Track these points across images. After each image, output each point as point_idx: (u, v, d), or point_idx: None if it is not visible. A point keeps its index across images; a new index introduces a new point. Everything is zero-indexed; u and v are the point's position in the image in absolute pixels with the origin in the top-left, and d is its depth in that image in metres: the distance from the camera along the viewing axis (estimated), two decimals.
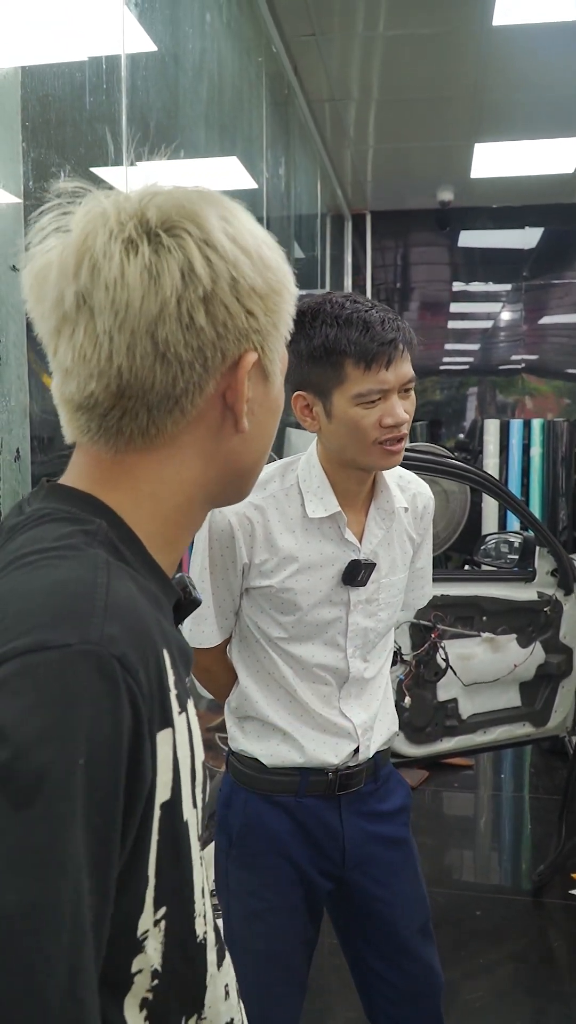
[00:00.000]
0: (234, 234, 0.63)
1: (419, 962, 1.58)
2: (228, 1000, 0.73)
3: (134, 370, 0.62)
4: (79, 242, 0.61)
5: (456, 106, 4.67)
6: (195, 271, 0.61)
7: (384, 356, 1.30)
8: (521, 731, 3.06)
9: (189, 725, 0.62)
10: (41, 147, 1.64)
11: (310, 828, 1.49)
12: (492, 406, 6.97)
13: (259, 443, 0.71)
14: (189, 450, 0.66)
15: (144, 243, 0.61)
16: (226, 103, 3.36)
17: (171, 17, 2.58)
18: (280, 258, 0.67)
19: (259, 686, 1.47)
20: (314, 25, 3.76)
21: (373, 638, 1.48)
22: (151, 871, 0.58)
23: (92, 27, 2.14)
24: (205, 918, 0.67)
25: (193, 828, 0.63)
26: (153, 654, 0.57)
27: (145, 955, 0.60)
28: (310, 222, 5.44)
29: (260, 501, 1.40)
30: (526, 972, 2.58)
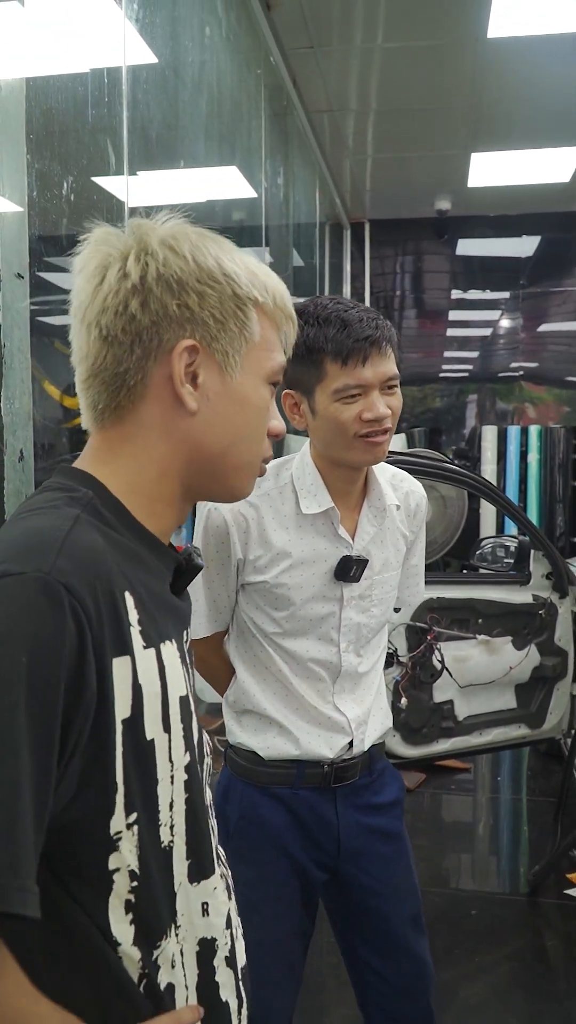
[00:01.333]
0: (172, 244, 0.77)
1: (411, 954, 1.61)
2: (207, 918, 0.82)
3: (92, 353, 0.78)
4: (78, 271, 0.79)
5: (452, 116, 4.73)
6: (126, 269, 0.76)
7: (360, 352, 1.34)
8: (517, 733, 3.08)
9: (161, 661, 0.75)
10: (45, 159, 1.69)
11: (306, 820, 1.52)
12: (492, 414, 7.01)
13: (221, 429, 0.81)
14: (152, 428, 0.79)
15: (95, 260, 0.78)
16: (225, 114, 3.41)
17: (171, 31, 2.63)
18: (234, 268, 0.79)
19: (256, 680, 1.51)
20: (312, 38, 3.82)
21: (366, 633, 1.52)
22: (119, 778, 0.70)
23: (94, 41, 2.19)
24: (172, 829, 0.77)
25: (162, 748, 0.75)
26: (106, 590, 0.69)
27: (120, 854, 0.71)
28: (309, 231, 5.50)
29: (255, 499, 1.44)
30: (522, 971, 2.60)
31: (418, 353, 7.39)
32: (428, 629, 2.83)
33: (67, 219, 1.78)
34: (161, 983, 0.77)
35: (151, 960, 0.75)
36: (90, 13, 2.20)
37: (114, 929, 0.72)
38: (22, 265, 1.53)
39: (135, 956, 0.74)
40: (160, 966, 0.76)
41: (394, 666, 2.79)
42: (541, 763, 4.16)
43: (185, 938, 0.80)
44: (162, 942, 0.77)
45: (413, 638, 2.83)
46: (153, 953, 0.76)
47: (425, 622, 2.84)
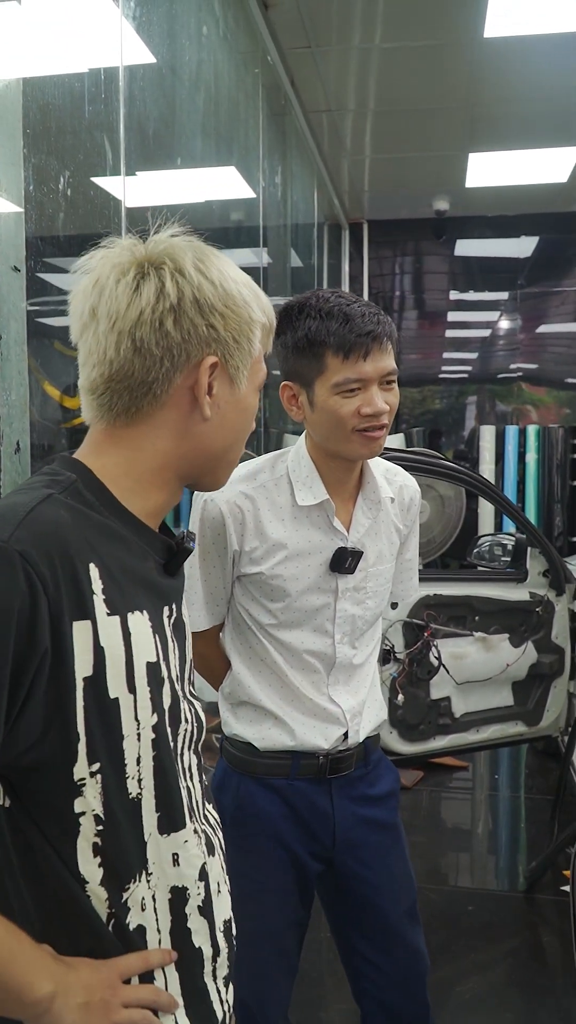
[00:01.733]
0: (203, 268, 0.86)
1: (406, 945, 1.61)
2: (177, 868, 0.89)
3: (119, 361, 0.84)
4: (95, 274, 0.86)
5: (450, 117, 4.74)
6: (165, 289, 0.84)
7: (362, 347, 1.36)
8: (514, 730, 3.10)
9: (127, 628, 0.83)
10: (42, 154, 1.70)
11: (301, 811, 1.53)
12: (492, 415, 7.02)
13: (225, 432, 0.91)
14: (163, 428, 0.88)
15: (132, 271, 0.84)
16: (223, 114, 3.42)
17: (168, 30, 2.65)
18: (248, 294, 0.89)
19: (251, 671, 1.52)
20: (310, 38, 3.83)
21: (361, 625, 1.53)
22: (80, 728, 0.79)
23: (91, 40, 2.20)
24: (140, 783, 0.85)
25: (127, 707, 0.83)
26: (65, 560, 0.77)
27: (84, 799, 0.80)
28: (307, 231, 5.51)
29: (250, 491, 1.46)
30: (518, 967, 2.61)
31: (417, 354, 7.40)
32: (425, 626, 2.84)
33: (63, 214, 1.79)
34: (130, 924, 0.84)
35: (120, 901, 0.83)
36: (87, 12, 2.21)
37: (82, 869, 0.81)
38: (19, 259, 1.54)
39: (102, 895, 0.82)
40: (130, 908, 0.84)
41: (391, 663, 2.80)
42: (539, 761, 4.17)
43: (157, 885, 0.87)
44: (131, 885, 0.84)
45: (410, 635, 2.84)
46: (123, 895, 0.83)
47: (422, 619, 2.85)
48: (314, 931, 1.83)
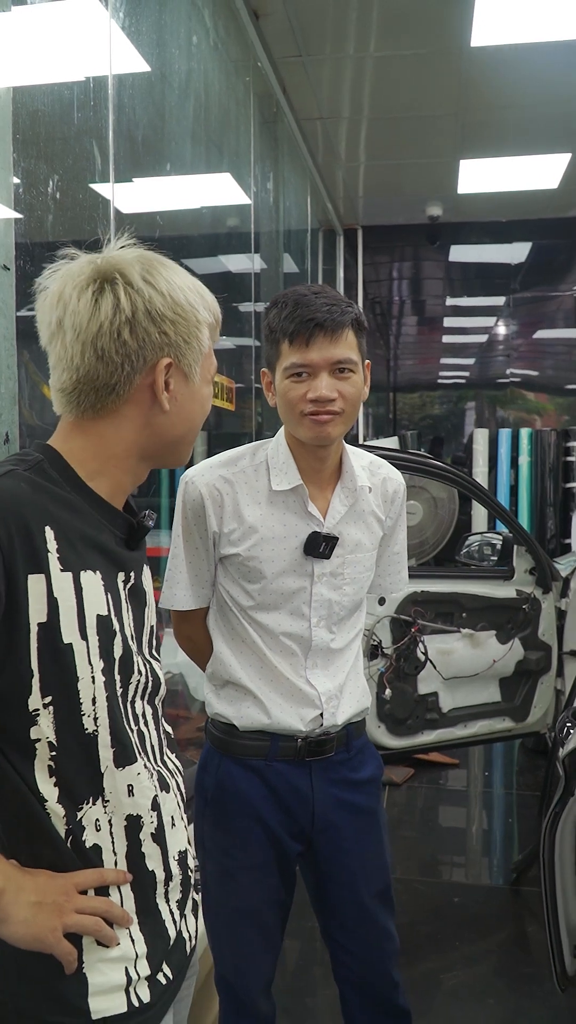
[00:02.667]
0: (151, 280, 0.96)
1: (376, 927, 1.66)
2: (132, 798, 0.98)
3: (84, 367, 0.95)
4: (57, 288, 0.97)
5: (440, 124, 4.81)
6: (120, 304, 0.95)
7: (303, 334, 1.41)
8: (501, 726, 3.13)
9: (79, 583, 0.93)
10: (31, 158, 1.76)
11: (280, 791, 1.57)
12: (492, 421, 7.06)
13: (183, 420, 1.03)
14: (126, 420, 0.99)
15: (90, 288, 0.95)
16: (213, 121, 3.48)
17: (157, 39, 2.71)
18: (194, 298, 1.00)
19: (232, 652, 1.57)
20: (300, 47, 3.90)
21: (338, 611, 1.57)
22: (34, 666, 0.90)
23: (81, 48, 2.27)
24: (96, 720, 0.94)
25: (80, 652, 0.93)
26: (20, 523, 0.88)
27: (39, 727, 0.91)
28: (300, 236, 5.57)
29: (230, 475, 1.53)
30: (505, 959, 2.65)
31: (415, 360, 7.46)
32: (412, 622, 2.89)
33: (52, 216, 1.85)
34: (87, 842, 0.94)
35: (76, 820, 0.93)
36: (77, 21, 2.27)
37: (41, 788, 0.91)
38: (8, 258, 1.60)
39: (60, 812, 0.92)
40: (85, 827, 0.94)
41: (379, 658, 2.85)
42: (528, 759, 4.21)
43: (114, 812, 0.96)
44: (84, 805, 0.94)
45: (397, 631, 2.89)
46: (77, 814, 0.93)
47: (409, 615, 2.90)
48: (302, 919, 1.87)
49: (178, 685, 3.80)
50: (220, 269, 4.24)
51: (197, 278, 1.02)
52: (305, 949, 2.61)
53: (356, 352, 1.46)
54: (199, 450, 5.32)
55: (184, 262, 1.08)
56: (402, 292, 7.41)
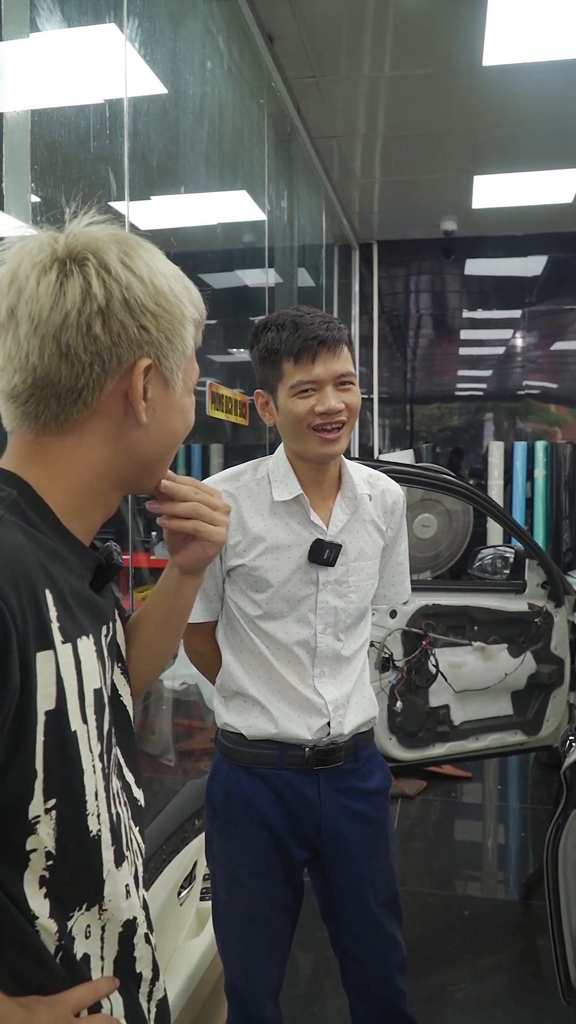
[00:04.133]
0: (130, 264, 0.79)
1: (382, 935, 1.68)
2: (129, 899, 0.86)
3: (44, 367, 0.77)
4: (11, 269, 0.78)
5: (454, 141, 4.86)
6: (91, 290, 0.77)
7: (310, 351, 1.48)
8: (513, 739, 3.14)
9: (77, 655, 0.77)
10: (48, 186, 1.82)
11: (288, 799, 1.60)
12: (511, 433, 7.07)
13: (162, 437, 0.85)
14: (95, 437, 0.81)
15: (54, 268, 0.77)
16: (227, 143, 3.55)
17: (172, 66, 2.78)
18: (179, 289, 0.83)
19: (240, 662, 1.61)
20: (314, 68, 3.96)
21: (344, 618, 1.61)
22: (39, 766, 0.72)
23: (97, 74, 2.33)
24: (99, 818, 0.80)
25: (84, 739, 0.78)
26: (28, 588, 0.71)
27: (38, 836, 0.74)
28: (314, 252, 5.63)
29: (233, 490, 1.58)
30: (514, 973, 2.65)
31: (431, 372, 7.49)
32: (424, 635, 2.91)
33: None
34: (77, 954, 0.80)
35: (66, 932, 0.78)
36: (93, 47, 2.34)
37: (31, 903, 0.75)
38: None
39: (52, 928, 0.77)
40: (75, 937, 0.79)
41: (390, 670, 2.87)
42: (542, 773, 4.20)
43: (110, 919, 0.83)
44: (75, 913, 0.79)
45: (409, 643, 2.91)
46: (67, 924, 0.78)
47: (421, 628, 2.92)
48: (313, 928, 1.89)
49: (193, 696, 3.84)
50: (235, 283, 4.31)
51: (212, 292, 0.94)
52: (315, 958, 2.63)
53: (352, 365, 1.54)
54: (215, 463, 5.37)
55: (200, 276, 0.99)
56: (418, 305, 7.45)
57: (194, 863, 2.20)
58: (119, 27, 2.35)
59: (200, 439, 5.08)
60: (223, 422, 3.48)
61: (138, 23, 2.47)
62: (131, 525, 2.90)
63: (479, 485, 6.38)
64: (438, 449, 7.09)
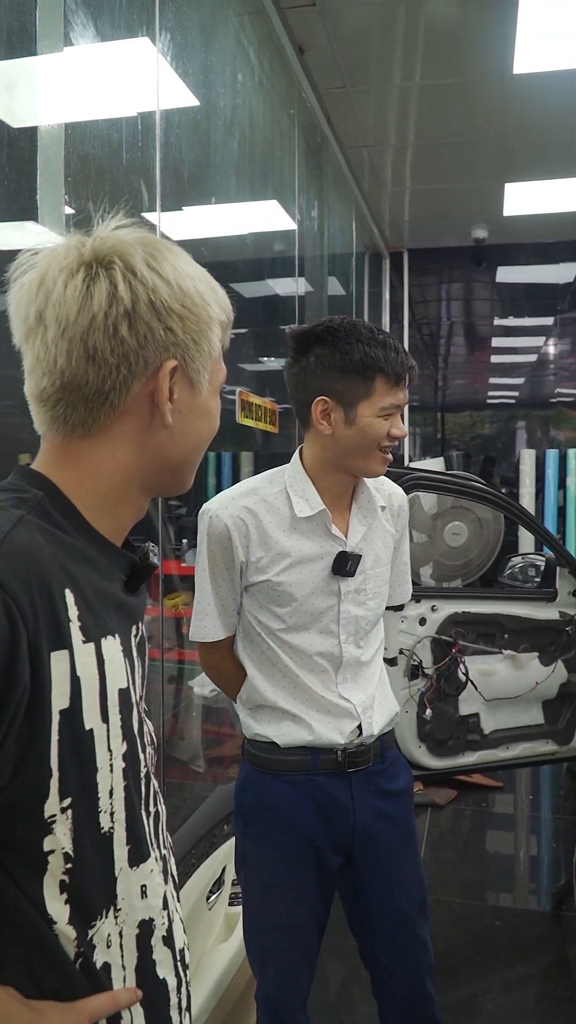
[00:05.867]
0: (156, 266, 0.80)
1: (415, 938, 1.69)
2: (145, 900, 0.84)
3: (71, 370, 0.79)
4: (39, 273, 0.80)
5: (485, 149, 4.86)
6: (118, 293, 0.78)
7: (406, 378, 1.53)
8: (544, 748, 3.11)
9: (101, 655, 0.78)
10: (82, 199, 1.85)
11: (322, 804, 1.61)
12: (544, 440, 7.02)
13: (187, 439, 0.86)
14: (122, 439, 0.82)
15: (80, 272, 0.78)
16: (258, 153, 3.59)
17: (204, 79, 2.81)
18: (205, 290, 0.84)
19: (265, 676, 1.61)
20: (345, 79, 3.99)
21: (364, 625, 1.63)
22: (54, 764, 0.73)
23: (129, 87, 2.37)
24: (112, 816, 0.80)
25: (101, 738, 0.78)
26: (43, 587, 0.72)
27: (55, 837, 0.74)
28: (345, 261, 5.65)
29: (252, 505, 1.57)
30: (545, 984, 2.63)
31: (463, 380, 7.46)
32: (453, 642, 2.90)
33: None
34: (97, 962, 0.78)
35: (87, 939, 0.77)
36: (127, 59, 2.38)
37: (49, 907, 0.75)
38: None
39: (71, 935, 0.76)
40: (95, 945, 0.78)
41: (419, 678, 2.86)
42: (573, 783, 4.16)
43: (125, 921, 0.82)
44: (97, 922, 0.79)
45: (438, 651, 2.90)
46: (88, 932, 0.78)
47: (450, 635, 2.91)
48: (340, 937, 1.89)
49: (222, 703, 3.85)
50: (266, 292, 4.34)
51: (242, 301, 0.93)
52: (344, 967, 2.63)
53: None
54: (245, 470, 5.39)
55: (230, 286, 1.00)
56: (449, 313, 7.43)
57: (223, 868, 2.21)
58: (151, 40, 2.39)
59: (230, 447, 5.11)
60: (253, 430, 3.50)
61: (170, 36, 2.50)
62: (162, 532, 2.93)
63: (511, 493, 6.34)
64: (477, 456, 7.05)
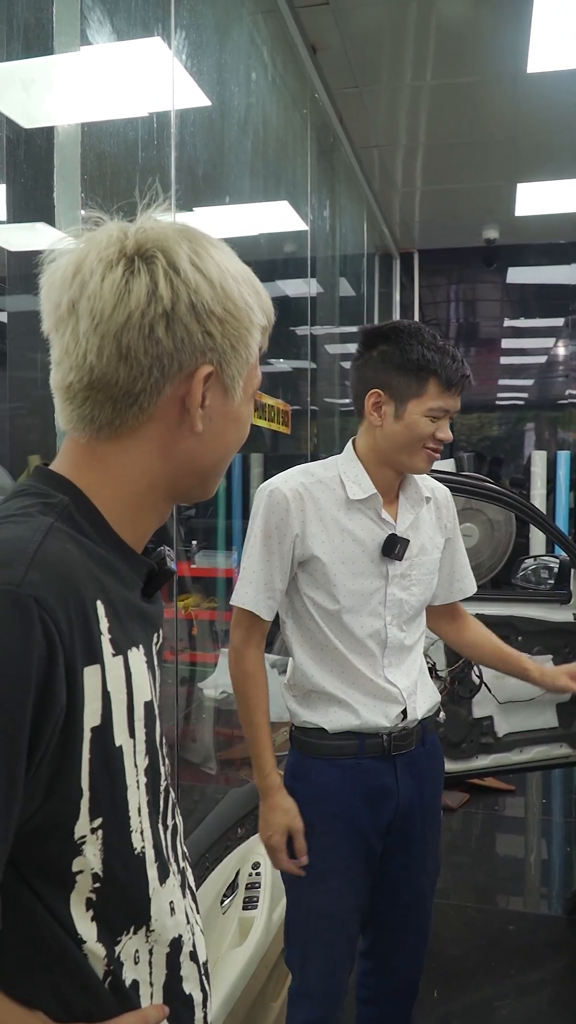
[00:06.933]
0: (200, 265, 0.75)
1: (425, 912, 1.80)
2: (174, 916, 0.82)
3: (101, 367, 0.74)
4: (76, 261, 0.75)
5: (497, 149, 4.84)
6: (158, 291, 0.73)
7: (459, 386, 1.62)
8: (558, 752, 3.09)
9: (128, 668, 0.75)
10: (97, 196, 1.85)
11: (370, 787, 1.66)
12: (553, 442, 6.99)
13: (216, 447, 0.82)
14: (150, 443, 0.78)
15: (120, 265, 0.74)
16: (271, 153, 3.58)
17: (218, 78, 2.80)
18: (249, 293, 0.79)
19: (313, 660, 1.66)
20: (357, 78, 3.98)
21: (407, 610, 1.68)
22: (84, 784, 0.70)
23: (144, 87, 2.36)
24: (143, 835, 0.77)
25: (129, 754, 0.75)
26: (77, 600, 0.69)
27: (84, 858, 0.71)
28: (356, 261, 5.64)
29: (309, 484, 1.65)
30: (559, 988, 2.61)
31: (472, 381, 7.43)
32: None
33: None
34: (126, 980, 0.77)
35: (115, 957, 0.75)
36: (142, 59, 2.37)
37: (78, 927, 0.72)
38: None
39: (100, 953, 0.74)
40: (123, 963, 0.76)
41: (433, 680, 2.84)
42: None
43: (158, 940, 0.80)
44: (122, 938, 0.76)
45: (452, 653, 2.88)
46: (116, 950, 0.75)
47: None
48: None
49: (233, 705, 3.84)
50: (277, 293, 4.33)
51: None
52: None
53: None
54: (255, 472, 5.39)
55: None
56: (459, 314, 7.41)
57: (236, 872, 2.20)
58: (166, 40, 2.39)
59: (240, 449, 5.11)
60: (263, 432, 3.49)
61: (185, 35, 2.50)
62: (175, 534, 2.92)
63: (521, 495, 6.31)
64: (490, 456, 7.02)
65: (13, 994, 0.69)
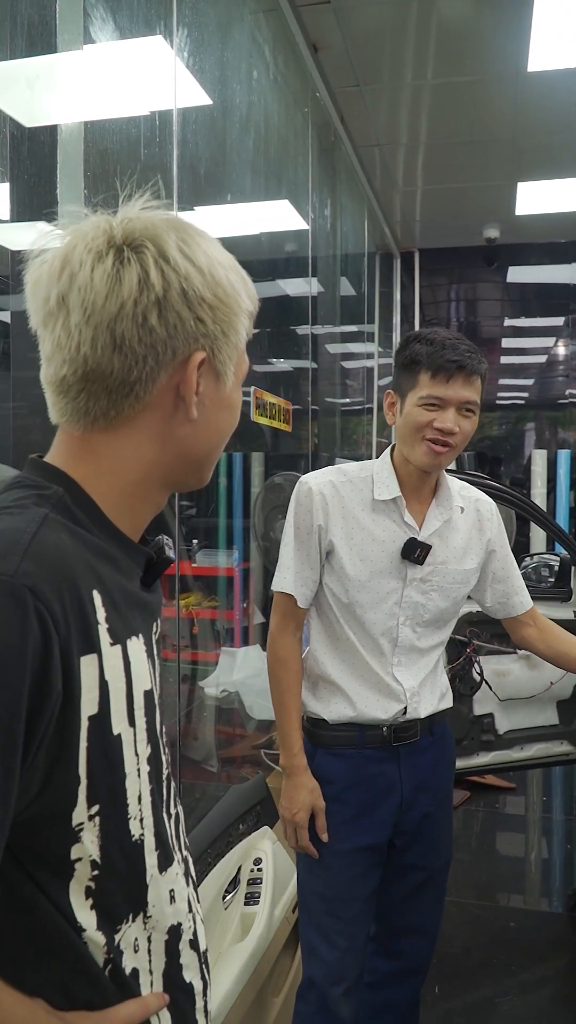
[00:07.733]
0: (189, 253, 0.76)
1: (434, 898, 1.83)
2: (174, 904, 0.83)
3: (95, 359, 0.74)
4: (63, 254, 0.75)
5: (498, 148, 4.84)
6: (150, 280, 0.74)
7: (447, 372, 1.60)
8: (559, 749, 3.10)
9: (127, 657, 0.75)
10: (100, 192, 1.85)
11: (373, 777, 1.70)
12: (553, 442, 6.99)
13: (210, 433, 0.82)
14: (145, 433, 0.78)
15: (110, 255, 0.74)
16: (272, 151, 3.58)
17: (220, 77, 2.81)
18: (236, 279, 0.80)
19: (327, 647, 1.72)
20: (358, 77, 3.98)
21: (423, 613, 1.70)
22: (82, 771, 0.71)
23: (147, 85, 2.37)
24: (142, 822, 0.78)
25: (128, 743, 0.76)
26: (72, 590, 0.69)
27: (82, 845, 0.72)
28: (357, 260, 5.64)
29: (338, 482, 1.70)
30: (561, 985, 2.61)
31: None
32: (468, 642, 2.89)
33: None
34: (126, 968, 0.77)
35: (115, 945, 0.76)
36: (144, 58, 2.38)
37: (78, 915, 0.73)
38: None
39: (100, 941, 0.75)
40: (123, 951, 0.77)
41: None
42: None
43: (155, 927, 0.81)
44: (122, 926, 0.77)
45: (453, 651, 2.89)
46: (115, 938, 0.76)
47: (465, 635, 2.90)
48: None
49: (234, 704, 3.85)
50: (278, 293, 4.33)
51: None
52: None
53: (479, 396, 1.64)
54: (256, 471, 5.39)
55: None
56: (460, 313, 7.41)
57: (238, 867, 2.21)
58: (168, 38, 2.39)
59: (241, 448, 5.11)
60: (264, 432, 3.50)
61: (186, 34, 2.50)
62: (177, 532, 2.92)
63: (521, 494, 6.31)
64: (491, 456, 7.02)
65: (14, 983, 0.70)
